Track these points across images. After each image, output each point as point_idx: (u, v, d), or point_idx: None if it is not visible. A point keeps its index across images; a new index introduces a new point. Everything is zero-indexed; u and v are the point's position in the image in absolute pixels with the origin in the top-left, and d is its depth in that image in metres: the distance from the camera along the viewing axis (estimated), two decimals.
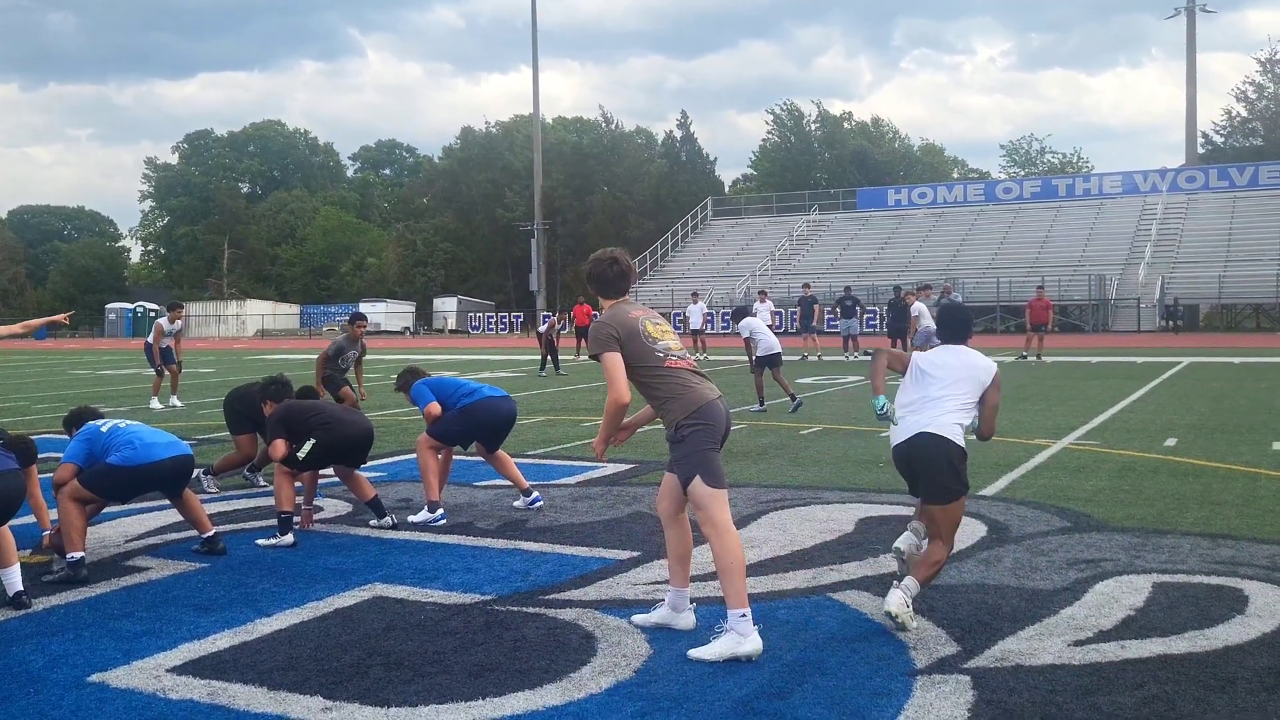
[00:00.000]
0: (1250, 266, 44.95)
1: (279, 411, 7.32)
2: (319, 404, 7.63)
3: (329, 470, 7.39)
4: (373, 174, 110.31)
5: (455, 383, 7.86)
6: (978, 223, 56.54)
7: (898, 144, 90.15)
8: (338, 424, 7.20)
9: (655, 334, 4.71)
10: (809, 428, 12.18)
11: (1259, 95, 71.50)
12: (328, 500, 8.12)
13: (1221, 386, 16.83)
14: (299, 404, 7.41)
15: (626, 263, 4.91)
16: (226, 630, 4.91)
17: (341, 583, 5.72)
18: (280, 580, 5.81)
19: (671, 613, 4.83)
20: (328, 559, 6.30)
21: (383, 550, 6.50)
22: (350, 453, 7.23)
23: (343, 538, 6.91)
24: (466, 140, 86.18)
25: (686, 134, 79.62)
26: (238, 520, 7.50)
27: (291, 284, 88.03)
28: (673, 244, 62.73)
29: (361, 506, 7.44)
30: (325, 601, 5.36)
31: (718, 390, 4.71)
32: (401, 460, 10.19)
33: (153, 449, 6.25)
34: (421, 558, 6.29)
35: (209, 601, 5.41)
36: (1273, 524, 6.73)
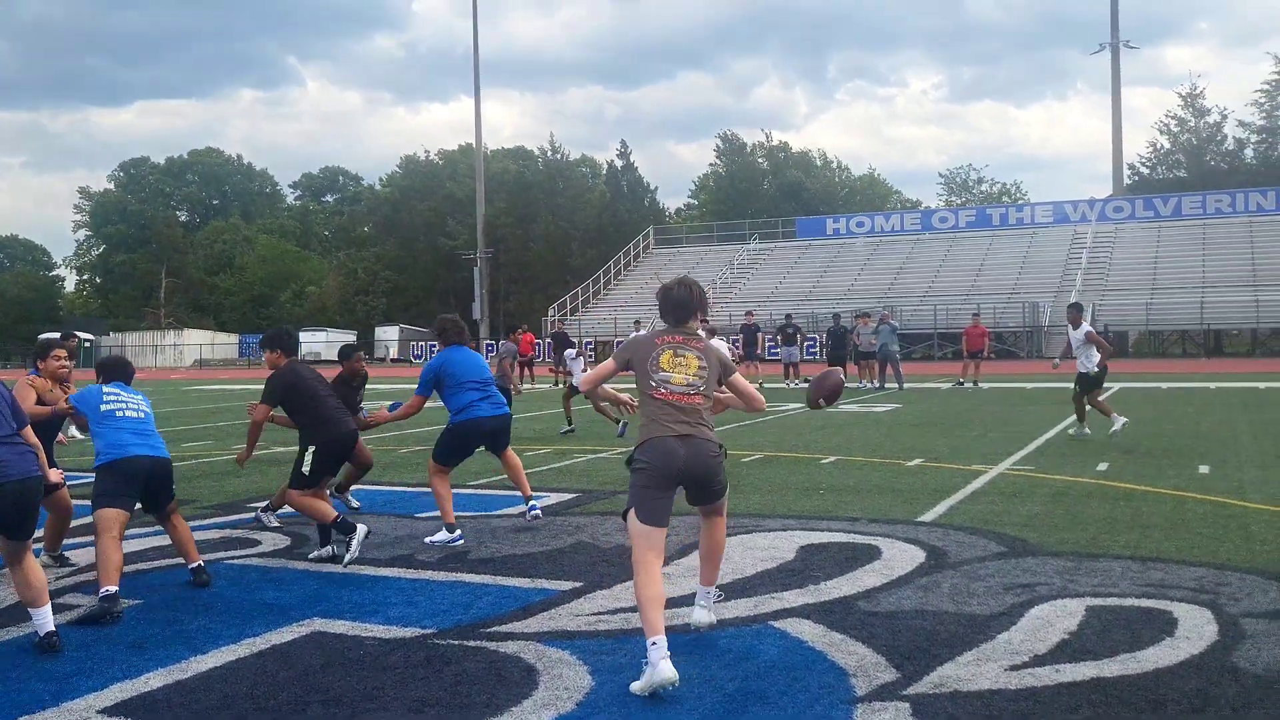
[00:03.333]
0: (1176, 294, 46.08)
1: (286, 376, 6.91)
2: (323, 391, 7.15)
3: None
4: (313, 202, 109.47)
5: (459, 382, 7.81)
6: (915, 251, 57.38)
7: (836, 175, 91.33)
8: (332, 422, 6.97)
9: (665, 365, 4.87)
10: (750, 455, 12.24)
11: (1181, 128, 73.59)
12: (264, 533, 8.01)
13: (1150, 411, 17.21)
14: (305, 378, 7.01)
15: (679, 295, 5.04)
16: (160, 669, 4.82)
17: (279, 618, 5.64)
18: (216, 617, 5.72)
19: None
20: (265, 594, 6.21)
21: (322, 584, 6.42)
22: (345, 457, 7.06)
23: (281, 572, 6.81)
24: (408, 168, 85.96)
25: (627, 163, 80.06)
26: (173, 555, 7.36)
27: (230, 313, 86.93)
28: (615, 272, 62.89)
29: (303, 538, 7.35)
30: (262, 638, 5.28)
31: (691, 431, 4.76)
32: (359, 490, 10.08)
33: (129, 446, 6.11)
34: (361, 592, 6.23)
35: (142, 639, 5.31)
36: (1200, 546, 6.89)
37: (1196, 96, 73.09)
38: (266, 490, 10.41)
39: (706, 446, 4.83)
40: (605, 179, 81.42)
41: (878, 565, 6.53)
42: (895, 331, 25.54)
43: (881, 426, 15.83)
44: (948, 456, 11.85)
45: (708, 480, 4.89)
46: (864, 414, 17.99)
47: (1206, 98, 77.12)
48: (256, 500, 9.77)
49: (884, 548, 7.04)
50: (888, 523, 7.94)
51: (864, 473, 10.70)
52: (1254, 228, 51.49)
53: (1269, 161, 70.02)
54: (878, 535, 7.45)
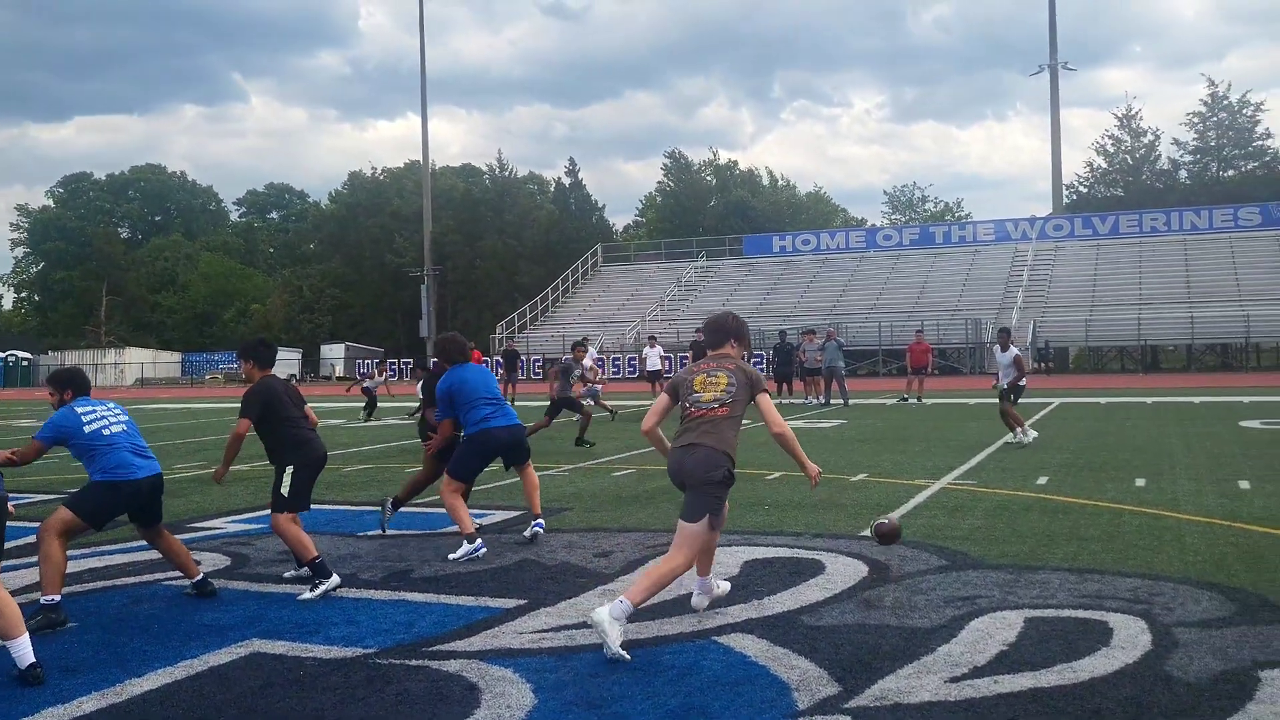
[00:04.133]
0: (1114, 311, 46.97)
1: (261, 391, 6.72)
2: (295, 410, 6.89)
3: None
4: (258, 219, 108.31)
5: (472, 400, 7.89)
6: (860, 269, 57.98)
7: (783, 193, 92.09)
8: (308, 444, 6.80)
9: (698, 386, 5.55)
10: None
11: (1117, 149, 75.24)
12: (205, 554, 7.90)
13: (1090, 426, 17.50)
14: (279, 395, 6.79)
15: (717, 321, 5.82)
16: (94, 693, 4.73)
17: (217, 639, 5.56)
18: (152, 639, 5.62)
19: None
20: (203, 615, 6.12)
21: (261, 604, 6.34)
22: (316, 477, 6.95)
23: (221, 592, 6.71)
24: (354, 185, 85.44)
25: (575, 181, 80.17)
26: (110, 576, 7.24)
27: (173, 331, 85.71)
28: (563, 290, 62.88)
29: (243, 558, 7.25)
30: (200, 659, 5.20)
31: (697, 440, 5.40)
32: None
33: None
34: (302, 611, 6.15)
35: (76, 663, 5.20)
36: (1135, 557, 7.01)
37: (1132, 117, 74.88)
38: (205, 510, 10.28)
39: (705, 453, 5.36)
40: (553, 197, 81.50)
41: (820, 580, 6.57)
42: (841, 348, 25.76)
43: (826, 442, 15.95)
44: (891, 471, 11.97)
45: (693, 480, 5.40)
46: (809, 430, 18.11)
47: (1142, 119, 79.14)
48: (197, 520, 9.64)
49: (827, 562, 7.08)
50: (831, 537, 8.00)
51: (808, 488, 10.76)
52: (1188, 246, 52.66)
53: (1203, 181, 71.74)
54: (821, 550, 7.51)
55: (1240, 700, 4.29)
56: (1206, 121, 72.34)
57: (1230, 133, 71.98)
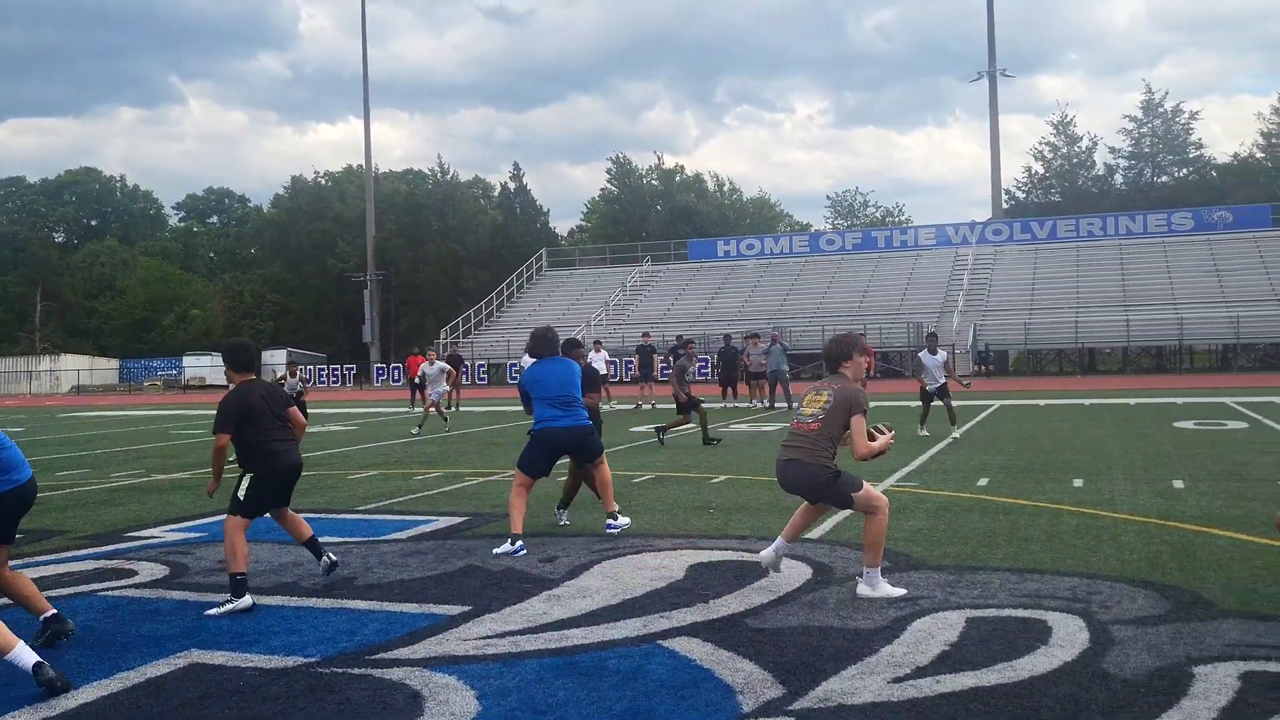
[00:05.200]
0: (1052, 314, 47.74)
1: (234, 398, 6.53)
2: (270, 418, 6.70)
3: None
4: (197, 223, 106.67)
5: (539, 396, 8.24)
6: (803, 273, 58.38)
7: (727, 198, 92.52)
8: (281, 452, 6.65)
9: (806, 401, 6.37)
10: (641, 475, 12.28)
11: (1054, 155, 76.59)
12: (141, 563, 7.76)
13: (1029, 428, 17.76)
14: (255, 400, 6.60)
15: (828, 351, 6.49)
16: (27, 707, 4.63)
17: (155, 650, 5.46)
18: (87, 650, 5.51)
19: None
20: (140, 626, 6.01)
21: (200, 614, 6.24)
22: (286, 489, 6.81)
23: (158, 602, 6.60)
24: (296, 190, 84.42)
25: (520, 185, 79.92)
26: (44, 588, 7.07)
27: (110, 337, 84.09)
28: (508, 294, 62.65)
29: (181, 568, 7.12)
30: (137, 671, 5.10)
31: (793, 455, 6.28)
32: (223, 519, 9.82)
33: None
34: (242, 621, 6.06)
35: (7, 676, 5.07)
36: (1074, 557, 7.12)
37: (1068, 124, 76.29)
38: (143, 519, 10.09)
39: (800, 466, 6.22)
40: (498, 201, 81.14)
41: (765, 583, 6.60)
42: (785, 352, 25.92)
43: (771, 446, 16.02)
44: None
45: (802, 491, 6.39)
46: (754, 434, 18.20)
47: (1077, 125, 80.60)
48: (133, 529, 9.47)
49: None
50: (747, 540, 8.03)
51: (753, 491, 10.82)
52: (1124, 250, 53.66)
53: (1137, 186, 73.21)
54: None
55: (1174, 696, 4.38)
56: (1141, 128, 73.87)
57: (1164, 140, 73.53)
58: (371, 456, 15.95)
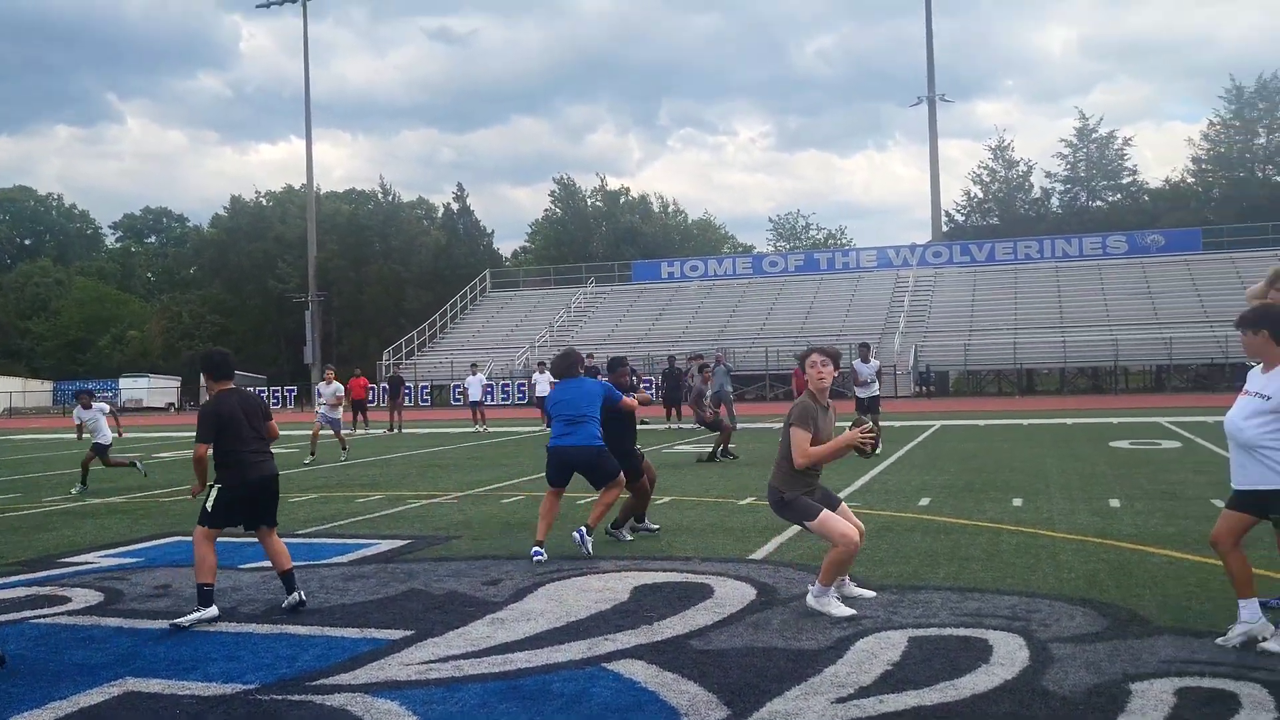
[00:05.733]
0: (991, 335, 48.47)
1: (210, 408, 6.53)
2: (247, 428, 6.67)
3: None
4: (135, 243, 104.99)
5: (554, 414, 8.73)
6: (746, 295, 58.74)
7: (672, 219, 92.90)
8: (251, 464, 6.60)
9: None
10: (587, 497, 12.23)
11: (992, 178, 77.97)
12: (75, 590, 7.59)
13: (970, 448, 17.98)
14: (230, 411, 6.58)
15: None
16: None
17: (88, 679, 5.33)
18: (18, 680, 5.37)
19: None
20: (74, 654, 5.87)
21: (136, 641, 6.11)
22: (259, 503, 6.72)
23: (92, 629, 6.45)
24: (236, 210, 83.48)
25: (463, 206, 79.71)
26: None
27: (44, 359, 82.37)
28: (451, 315, 62.34)
29: (116, 594, 6.97)
30: (69, 700, 4.98)
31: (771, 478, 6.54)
32: (162, 543, 9.64)
33: None
34: (179, 648, 5.95)
35: None
36: (1013, 576, 7.21)
37: (1005, 149, 77.70)
38: (77, 545, 9.88)
39: (769, 491, 6.58)
40: (441, 222, 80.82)
41: (710, 604, 6.60)
42: (729, 373, 25.98)
43: (714, 466, 16.08)
44: None
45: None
46: (698, 453, 18.23)
47: (1015, 150, 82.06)
48: (67, 555, 9.26)
49: (716, 586, 7.13)
50: (720, 561, 8.06)
51: (697, 512, 10.84)
52: (1060, 273, 54.65)
53: (1073, 210, 74.65)
54: (710, 574, 7.55)
55: (1112, 713, 4.44)
56: (1076, 153, 75.41)
57: (1098, 165, 75.13)
58: (313, 479, 15.76)
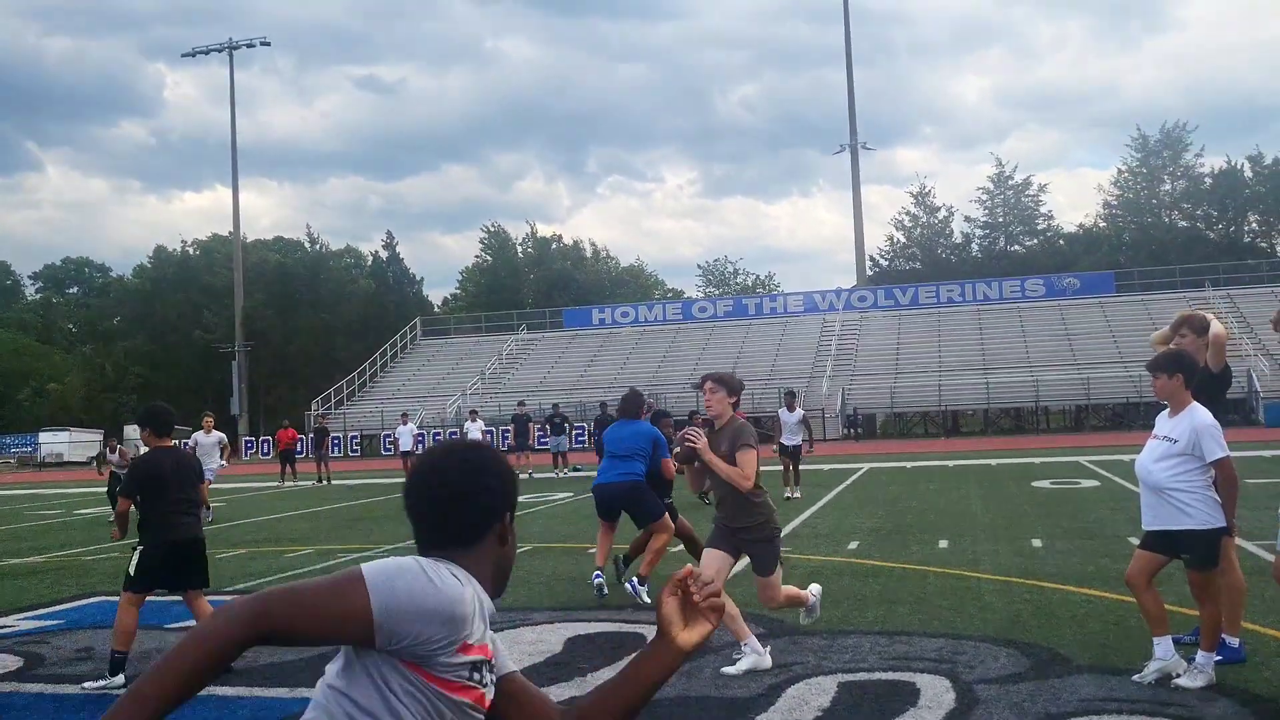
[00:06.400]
0: (916, 378, 49.30)
1: (141, 466, 6.56)
2: (175, 488, 6.61)
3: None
4: (55, 294, 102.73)
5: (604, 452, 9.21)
6: (677, 340, 59.11)
7: (604, 265, 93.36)
8: (174, 525, 6.50)
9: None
10: (520, 547, 12.20)
11: (914, 224, 79.65)
12: None
13: (897, 490, 18.25)
14: (160, 469, 6.54)
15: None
16: None
17: None
18: None
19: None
20: None
21: (58, 709, 5.99)
22: (184, 565, 6.62)
23: (12, 696, 6.30)
24: (160, 259, 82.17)
25: (393, 254, 79.37)
26: None
27: None
28: (381, 364, 61.82)
29: (37, 658, 6.82)
30: None
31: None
32: (84, 604, 9.43)
33: None
34: (101, 714, 5.83)
35: None
36: (940, 618, 7.36)
37: (926, 195, 79.49)
38: (9, 603, 9.62)
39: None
40: (370, 270, 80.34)
41: None
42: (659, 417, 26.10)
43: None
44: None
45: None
46: None
47: (936, 196, 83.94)
48: None
49: (648, 635, 7.16)
50: (651, 610, 8.08)
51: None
52: (982, 315, 55.82)
53: (992, 254, 76.44)
54: (643, 624, 7.60)
55: None
56: (994, 199, 77.38)
57: (1015, 210, 77.14)
58: (240, 533, 15.51)
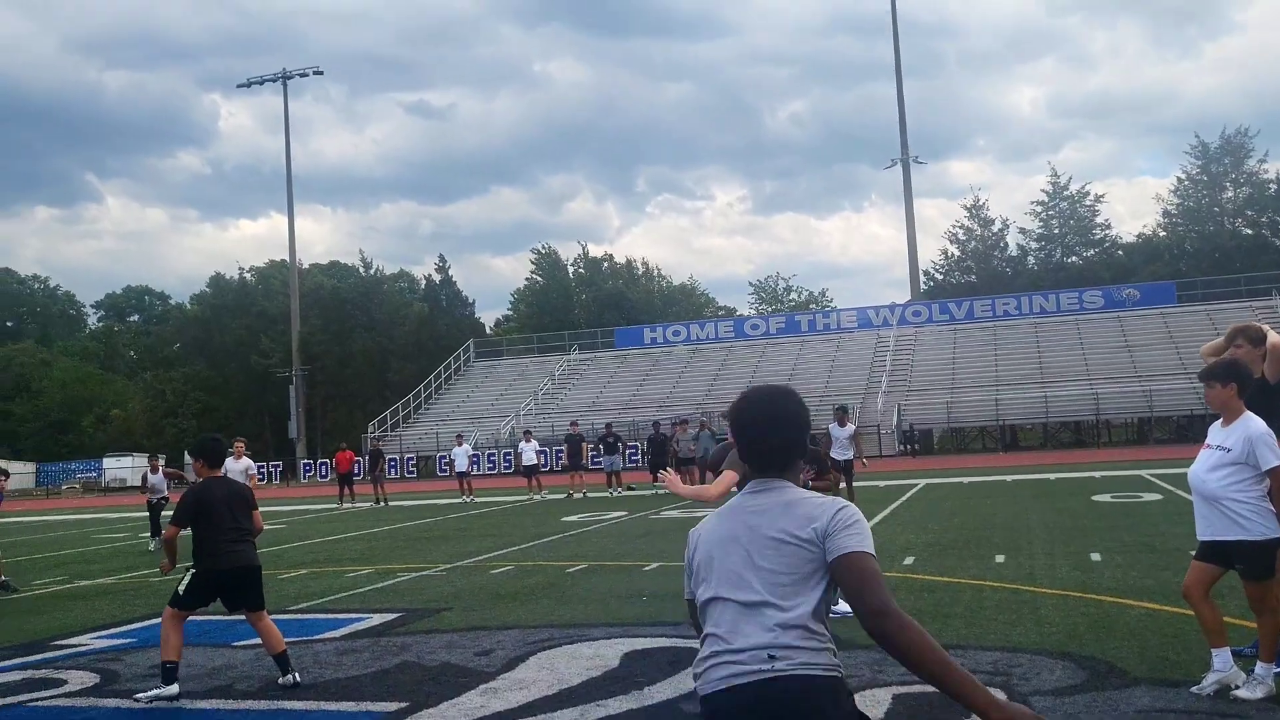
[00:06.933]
0: (973, 392, 48.84)
1: (191, 495, 6.82)
2: (227, 517, 6.89)
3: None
4: (117, 322, 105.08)
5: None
6: (729, 358, 59.07)
7: (655, 284, 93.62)
8: (225, 553, 6.78)
9: None
10: (575, 565, 12.35)
11: (968, 237, 78.97)
12: (71, 672, 7.66)
13: (953, 505, 18.15)
14: (212, 498, 6.82)
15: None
16: None
17: None
18: None
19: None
20: None
21: None
22: (235, 589, 6.87)
23: (90, 711, 6.53)
24: (218, 286, 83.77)
25: (445, 277, 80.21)
26: None
27: (26, 441, 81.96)
28: (436, 386, 62.41)
29: (112, 675, 7.05)
30: None
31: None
32: (154, 624, 9.70)
33: None
34: None
35: None
36: (995, 631, 7.36)
37: (980, 207, 78.76)
38: (69, 627, 9.92)
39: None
40: (424, 293, 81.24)
41: None
42: (714, 438, 26.17)
43: None
44: None
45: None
46: (685, 519, 18.33)
47: (990, 208, 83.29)
48: (59, 638, 9.31)
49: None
50: None
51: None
52: (1039, 329, 55.22)
53: (1049, 266, 75.59)
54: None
55: None
56: (1050, 210, 76.57)
57: (1072, 221, 76.27)
58: (301, 555, 15.79)
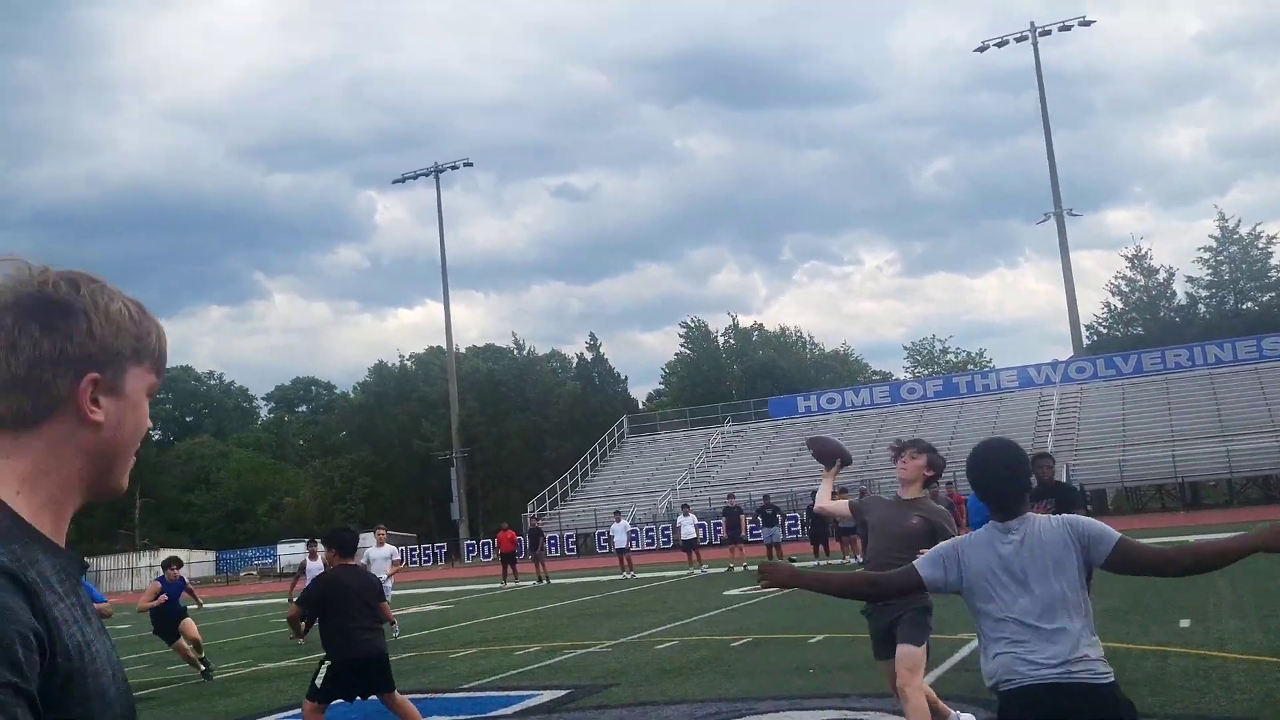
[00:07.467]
0: (1146, 449, 46.69)
1: (321, 583, 6.98)
2: (357, 606, 6.90)
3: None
4: (287, 413, 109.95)
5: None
6: (886, 424, 57.99)
7: (807, 352, 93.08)
8: (360, 642, 6.82)
9: None
10: (740, 639, 12.26)
11: (1131, 288, 76.08)
12: None
13: None
14: (344, 588, 6.87)
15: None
16: None
17: None
18: None
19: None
20: None
21: None
22: (367, 677, 6.92)
23: None
24: (379, 375, 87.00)
25: (597, 355, 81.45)
26: None
27: (205, 530, 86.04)
28: (592, 464, 63.08)
29: None
30: None
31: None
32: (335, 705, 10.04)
33: None
34: None
35: None
36: (1182, 700, 7.02)
37: (1142, 257, 75.90)
38: (257, 708, 10.33)
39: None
40: (576, 371, 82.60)
41: None
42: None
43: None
44: (937, 626, 11.91)
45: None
46: None
47: (1152, 257, 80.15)
48: (248, 718, 9.71)
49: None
50: (878, 697, 8.01)
51: (853, 649, 10.73)
52: (1215, 380, 52.59)
53: (1222, 313, 72.15)
54: (869, 709, 7.54)
55: None
56: (1219, 256, 73.25)
57: (1244, 265, 72.76)
58: (469, 634, 16.10)
